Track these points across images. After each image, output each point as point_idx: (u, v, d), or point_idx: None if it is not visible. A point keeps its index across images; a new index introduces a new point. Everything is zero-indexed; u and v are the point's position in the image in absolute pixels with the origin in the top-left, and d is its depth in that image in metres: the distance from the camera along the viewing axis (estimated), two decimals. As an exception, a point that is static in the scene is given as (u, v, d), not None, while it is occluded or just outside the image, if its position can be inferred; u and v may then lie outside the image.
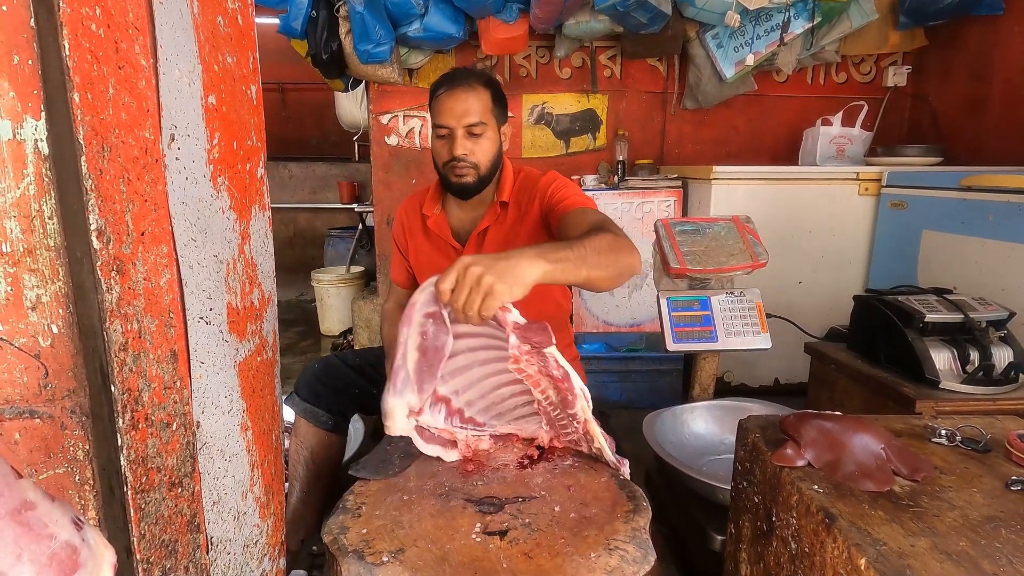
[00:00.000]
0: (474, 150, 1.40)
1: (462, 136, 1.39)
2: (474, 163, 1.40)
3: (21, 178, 0.51)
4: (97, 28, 0.55)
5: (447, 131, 1.40)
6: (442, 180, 1.49)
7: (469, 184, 1.42)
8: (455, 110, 1.37)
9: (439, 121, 1.40)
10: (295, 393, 1.51)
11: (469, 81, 1.40)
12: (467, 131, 1.39)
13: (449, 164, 1.41)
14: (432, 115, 1.43)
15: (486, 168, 1.43)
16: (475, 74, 1.44)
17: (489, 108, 1.41)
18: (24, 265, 0.53)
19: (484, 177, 1.43)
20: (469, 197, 1.47)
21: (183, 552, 0.68)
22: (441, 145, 1.42)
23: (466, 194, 1.46)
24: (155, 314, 0.63)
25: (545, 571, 0.84)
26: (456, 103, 1.37)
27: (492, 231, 1.48)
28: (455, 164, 1.40)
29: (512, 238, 1.47)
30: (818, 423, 0.99)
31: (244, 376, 0.82)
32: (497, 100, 1.44)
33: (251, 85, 0.85)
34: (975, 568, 0.71)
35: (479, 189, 1.45)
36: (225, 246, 0.79)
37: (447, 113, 1.38)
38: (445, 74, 1.46)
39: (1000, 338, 1.54)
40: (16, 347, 0.53)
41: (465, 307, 0.90)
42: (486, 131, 1.41)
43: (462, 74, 1.42)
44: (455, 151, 1.39)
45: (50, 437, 0.56)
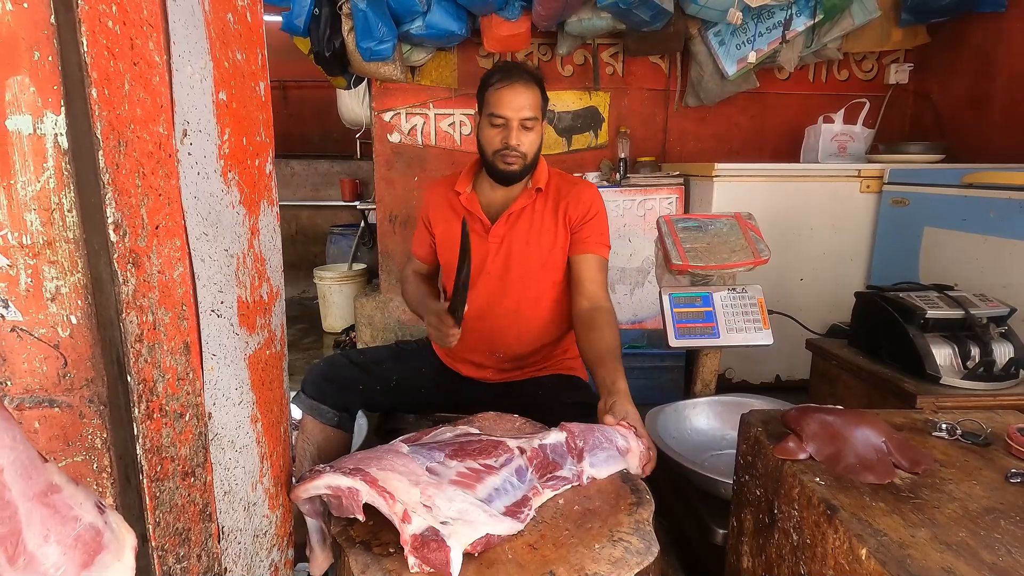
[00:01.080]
0: (525, 141, 1.50)
1: (517, 128, 1.49)
2: (523, 153, 1.51)
3: (41, 172, 0.53)
4: (113, 25, 0.56)
5: (503, 121, 1.49)
6: (487, 166, 1.58)
7: (515, 172, 1.53)
8: (514, 102, 1.47)
9: (497, 111, 1.48)
10: (301, 391, 1.54)
11: (525, 76, 1.50)
12: (521, 123, 1.49)
13: (500, 152, 1.51)
14: (486, 105, 1.52)
15: (531, 159, 1.54)
16: (529, 70, 1.54)
17: (539, 103, 1.53)
18: (44, 257, 0.54)
19: (528, 167, 1.55)
20: (511, 184, 1.58)
21: (196, 540, 0.70)
22: (495, 134, 1.51)
23: (509, 181, 1.57)
24: (169, 306, 0.64)
25: (550, 562, 0.85)
26: (515, 96, 1.47)
27: (526, 212, 1.58)
28: (506, 153, 1.50)
29: (539, 225, 1.58)
30: (820, 417, 1.00)
31: (254, 369, 0.84)
32: (544, 97, 1.55)
33: (260, 82, 0.86)
34: (974, 558, 0.72)
35: (521, 177, 1.57)
36: (235, 240, 0.80)
37: (506, 104, 1.47)
38: (499, 66, 1.56)
39: (1001, 334, 1.55)
40: (36, 337, 0.54)
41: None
42: (536, 125, 1.52)
43: (519, 69, 1.52)
44: (510, 141, 1.49)
45: (69, 426, 0.57)
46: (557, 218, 1.58)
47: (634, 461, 1.13)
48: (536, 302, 1.60)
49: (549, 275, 1.59)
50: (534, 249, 1.57)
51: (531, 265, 1.58)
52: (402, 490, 0.84)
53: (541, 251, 1.57)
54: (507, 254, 1.58)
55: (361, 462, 0.90)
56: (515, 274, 1.58)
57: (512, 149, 1.49)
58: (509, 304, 1.59)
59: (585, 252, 1.56)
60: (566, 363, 1.69)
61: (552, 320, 1.64)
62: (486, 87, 1.52)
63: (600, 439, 1.11)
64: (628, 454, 1.12)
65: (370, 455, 0.94)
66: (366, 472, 0.86)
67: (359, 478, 0.84)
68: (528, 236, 1.57)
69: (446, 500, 0.85)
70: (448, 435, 1.11)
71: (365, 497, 0.84)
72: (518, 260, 1.57)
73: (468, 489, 0.91)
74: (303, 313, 4.74)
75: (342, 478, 0.85)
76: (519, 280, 1.58)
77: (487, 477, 0.95)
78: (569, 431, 1.11)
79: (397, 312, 3.38)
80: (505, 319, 1.59)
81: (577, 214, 1.57)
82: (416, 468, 0.91)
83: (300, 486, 0.89)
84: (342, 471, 0.86)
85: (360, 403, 1.60)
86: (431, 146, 3.24)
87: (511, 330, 1.60)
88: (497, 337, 1.61)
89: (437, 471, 0.93)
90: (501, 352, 1.63)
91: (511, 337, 1.61)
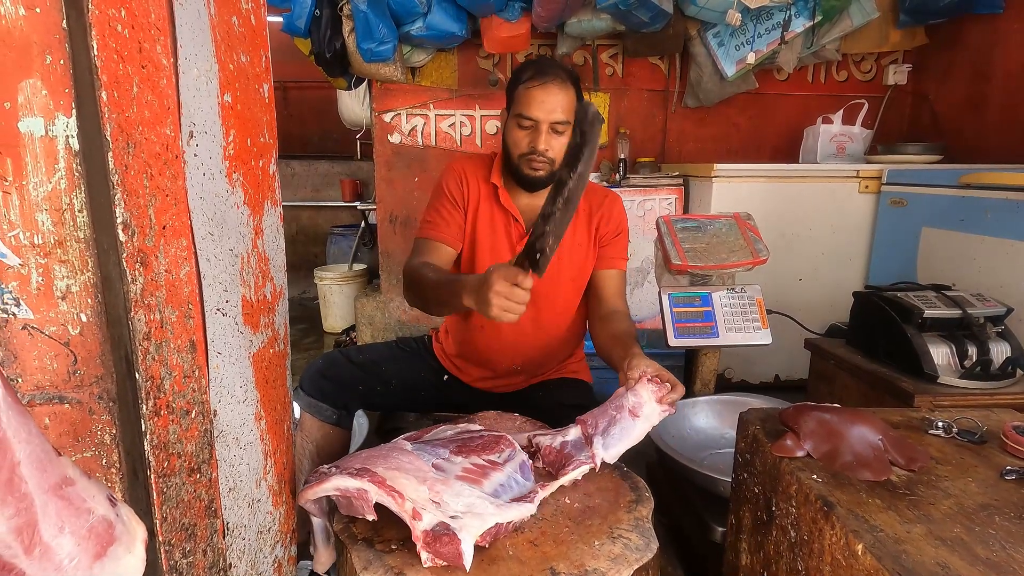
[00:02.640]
0: (554, 147, 1.38)
1: (547, 132, 1.37)
2: (551, 159, 1.40)
3: (53, 173, 0.54)
4: (122, 29, 0.57)
5: (532, 123, 1.37)
6: (511, 169, 1.46)
7: (541, 178, 1.42)
8: (546, 104, 1.35)
9: (527, 112, 1.36)
10: (299, 388, 1.52)
11: (560, 76, 1.37)
12: (552, 127, 1.37)
13: (527, 156, 1.39)
14: (515, 103, 1.39)
15: (559, 165, 1.39)
16: (564, 68, 1.40)
17: (573, 106, 1.39)
18: (55, 256, 0.55)
19: (555, 173, 1.41)
20: (536, 190, 1.47)
21: (201, 536, 0.71)
22: (523, 136, 1.39)
23: (534, 187, 1.45)
24: (176, 305, 0.65)
25: (550, 558, 0.86)
26: (548, 97, 1.34)
27: None
28: (533, 158, 1.39)
29: (571, 240, 1.49)
30: (817, 415, 1.01)
31: (258, 367, 0.85)
32: (579, 98, 1.41)
33: (263, 83, 0.88)
34: (969, 553, 0.73)
35: (546, 184, 1.44)
36: (240, 240, 0.81)
37: (537, 106, 1.35)
38: (532, 62, 1.42)
39: (998, 333, 1.56)
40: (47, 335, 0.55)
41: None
42: (567, 130, 1.39)
43: (553, 66, 1.38)
44: (538, 145, 1.37)
45: (78, 422, 0.58)
46: (590, 233, 1.51)
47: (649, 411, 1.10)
48: (562, 315, 1.56)
49: (577, 289, 1.55)
50: (565, 264, 1.50)
51: (562, 278, 1.51)
52: (410, 488, 0.85)
53: (573, 267, 1.51)
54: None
55: (367, 462, 0.91)
56: (544, 286, 1.46)
57: (540, 154, 1.38)
58: (534, 315, 1.49)
59: (610, 267, 1.52)
60: (570, 367, 1.68)
61: (572, 331, 1.61)
62: (517, 83, 1.39)
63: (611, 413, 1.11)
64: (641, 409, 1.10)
65: (375, 454, 0.95)
66: (373, 472, 0.87)
67: (367, 479, 0.85)
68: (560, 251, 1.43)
69: (454, 495, 0.86)
70: (449, 432, 1.12)
71: (375, 497, 0.85)
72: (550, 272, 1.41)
73: (475, 485, 0.92)
74: (304, 313, 4.75)
75: (350, 480, 0.86)
76: (547, 293, 1.50)
77: (492, 473, 0.96)
78: (583, 422, 1.12)
79: (397, 312, 3.39)
80: (528, 330, 1.53)
81: (608, 231, 1.52)
82: (422, 465, 0.93)
83: (308, 489, 0.90)
84: (349, 473, 0.87)
85: (359, 402, 1.59)
86: (431, 147, 3.25)
87: (534, 342, 1.55)
88: (519, 349, 1.55)
89: (443, 467, 0.94)
90: (519, 364, 1.58)
91: (533, 349, 1.56)
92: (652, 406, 1.11)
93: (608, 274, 1.53)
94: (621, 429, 1.09)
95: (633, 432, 1.09)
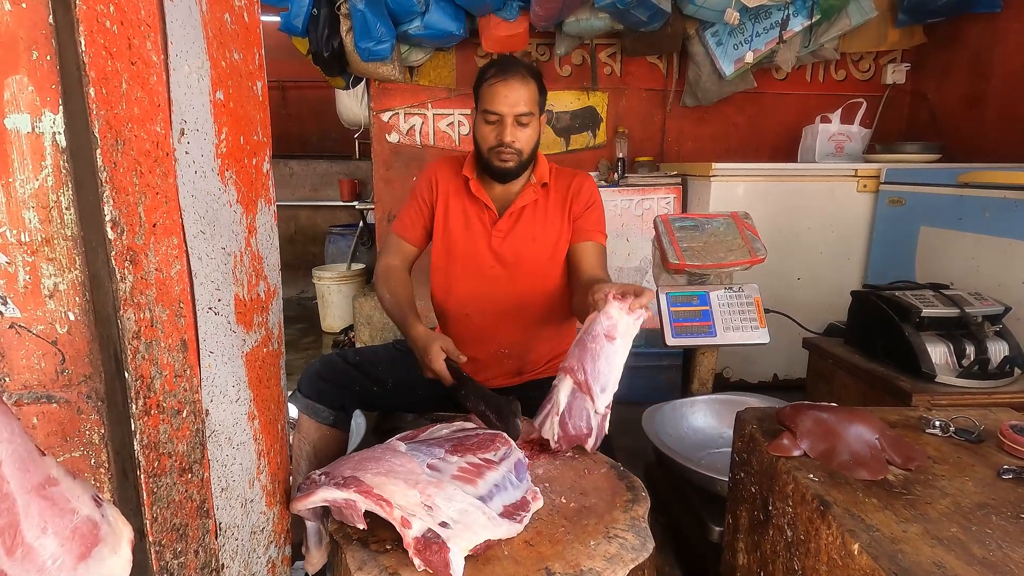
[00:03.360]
0: (520, 138, 1.47)
1: (511, 124, 1.46)
2: (519, 149, 1.48)
3: (40, 170, 0.53)
4: (111, 25, 0.57)
5: (497, 117, 1.46)
6: (482, 162, 1.55)
7: (511, 169, 1.51)
8: (508, 98, 1.44)
9: (491, 107, 1.45)
10: (297, 391, 1.53)
11: (521, 71, 1.46)
12: (516, 119, 1.46)
13: (495, 149, 1.48)
14: (481, 101, 1.49)
15: (527, 155, 1.51)
16: (525, 64, 1.49)
17: (536, 99, 1.49)
18: (42, 254, 0.55)
19: (524, 163, 1.52)
20: (507, 181, 1.56)
21: (193, 536, 0.70)
22: (489, 130, 1.48)
23: (505, 178, 1.54)
24: (166, 303, 0.64)
25: (546, 558, 0.86)
26: (510, 91, 1.44)
27: (530, 209, 1.58)
28: (501, 150, 1.48)
29: (544, 219, 1.58)
30: (814, 414, 1.00)
31: (251, 366, 0.84)
32: (541, 91, 1.51)
33: (257, 81, 0.87)
34: (965, 553, 0.73)
35: (517, 174, 1.54)
36: (232, 239, 0.80)
37: (500, 100, 1.44)
38: (495, 61, 1.53)
39: (996, 332, 1.56)
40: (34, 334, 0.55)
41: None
42: (532, 121, 1.48)
43: (514, 63, 1.48)
44: (504, 137, 1.46)
45: (67, 421, 0.57)
46: (562, 212, 1.59)
47: (623, 327, 1.09)
48: (543, 292, 1.61)
49: (555, 268, 1.60)
50: (540, 243, 1.58)
51: (538, 258, 1.58)
52: (399, 494, 0.84)
53: (547, 245, 1.58)
54: (513, 248, 1.58)
55: (358, 466, 0.90)
56: (523, 267, 1.58)
57: (507, 146, 1.47)
58: (514, 297, 1.59)
59: (586, 240, 1.57)
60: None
61: (554, 311, 1.64)
62: (481, 82, 1.49)
63: (589, 347, 1.10)
64: (615, 329, 1.09)
65: (367, 456, 0.94)
66: (360, 481, 0.86)
67: (354, 489, 0.85)
68: (534, 231, 1.57)
69: (446, 499, 0.86)
70: (445, 432, 1.11)
71: (363, 507, 0.85)
72: (526, 253, 1.58)
73: (469, 484, 0.91)
74: (302, 313, 4.74)
75: (337, 492, 0.86)
76: (527, 273, 1.58)
77: (487, 472, 0.96)
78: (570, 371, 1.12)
79: (396, 312, 3.38)
80: (510, 311, 1.59)
81: (579, 206, 1.59)
82: (415, 467, 0.92)
83: (298, 500, 0.90)
84: (336, 483, 0.87)
85: (357, 403, 1.59)
86: (429, 146, 3.24)
87: (516, 322, 1.60)
88: (502, 330, 1.60)
89: (438, 467, 0.94)
90: (507, 348, 1.62)
91: (516, 329, 1.61)
92: (625, 321, 1.09)
93: (585, 246, 1.57)
94: (606, 360, 1.09)
95: (616, 357, 1.08)
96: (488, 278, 1.59)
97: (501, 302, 1.59)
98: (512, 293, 1.58)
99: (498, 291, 1.59)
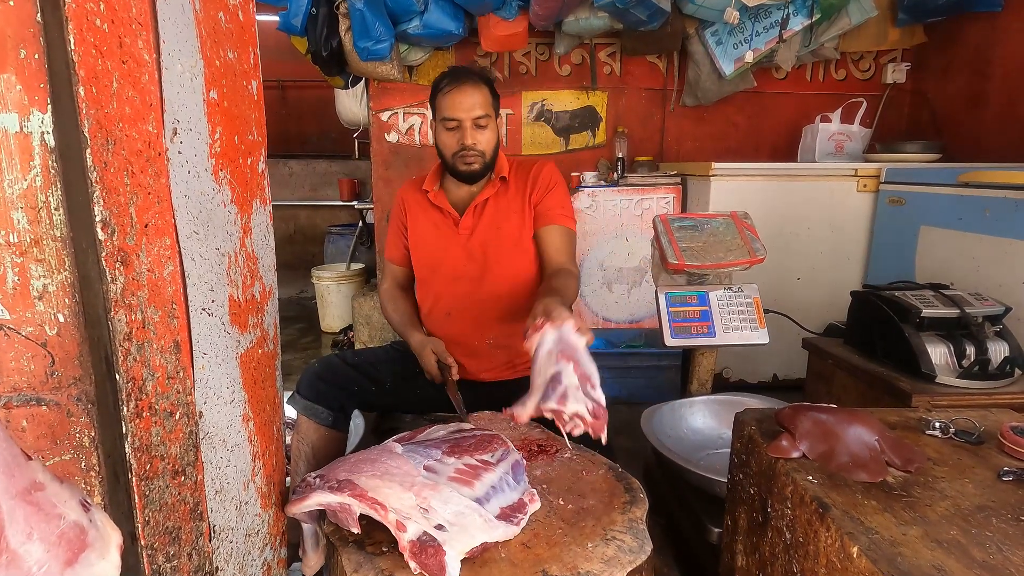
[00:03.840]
0: (481, 140, 1.54)
1: (471, 127, 1.52)
2: (481, 151, 1.55)
3: (28, 170, 0.52)
4: (101, 23, 0.56)
5: (456, 123, 1.52)
6: (449, 169, 1.61)
7: (476, 171, 1.57)
8: (464, 104, 1.50)
9: (449, 115, 1.52)
10: (296, 392, 1.53)
11: (472, 78, 1.53)
12: (474, 123, 1.52)
13: (459, 154, 1.54)
14: (438, 110, 1.56)
15: (490, 155, 1.57)
16: (475, 72, 1.57)
17: (490, 102, 1.56)
18: (31, 255, 0.54)
19: (488, 163, 1.58)
20: (476, 182, 1.62)
21: (186, 539, 0.69)
22: (450, 136, 1.55)
23: (474, 179, 1.60)
24: (158, 305, 0.64)
25: (543, 560, 0.85)
26: (464, 97, 1.50)
27: (491, 202, 1.62)
28: (465, 153, 1.53)
29: (506, 209, 1.62)
30: (813, 415, 1.00)
31: (246, 368, 0.84)
32: (494, 95, 1.58)
33: (252, 80, 0.86)
34: (965, 555, 0.72)
35: (484, 174, 1.60)
36: (227, 239, 0.80)
37: (456, 107, 1.51)
38: (446, 72, 1.58)
39: (996, 333, 1.55)
40: (23, 336, 0.54)
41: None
42: (490, 123, 1.55)
43: (464, 72, 1.55)
44: (465, 141, 1.52)
45: (56, 424, 0.57)
46: (523, 199, 1.62)
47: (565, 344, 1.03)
48: (515, 280, 1.64)
49: (524, 254, 1.64)
50: (504, 232, 1.62)
51: (504, 246, 1.62)
52: (393, 497, 0.84)
53: (512, 233, 1.62)
54: (480, 241, 1.61)
55: (353, 469, 0.90)
56: (491, 259, 1.62)
57: (469, 149, 1.53)
58: (491, 287, 1.62)
59: (549, 223, 1.60)
60: None
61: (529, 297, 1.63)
62: (436, 93, 1.56)
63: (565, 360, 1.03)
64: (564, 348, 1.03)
65: (363, 458, 0.94)
66: (355, 485, 0.86)
67: (348, 493, 0.84)
68: (497, 221, 1.61)
69: (442, 502, 0.85)
70: (441, 432, 1.11)
71: (358, 510, 0.84)
72: (492, 245, 1.61)
73: (466, 486, 0.91)
74: (301, 313, 4.74)
75: (331, 496, 0.85)
76: (496, 263, 1.62)
77: (484, 474, 0.95)
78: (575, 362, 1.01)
79: (395, 312, 3.38)
80: (489, 302, 1.63)
81: (538, 191, 1.62)
82: (411, 469, 0.91)
83: (293, 504, 0.89)
84: (331, 486, 0.86)
85: (355, 403, 1.59)
86: (428, 146, 3.23)
87: (497, 311, 1.63)
88: (484, 323, 1.63)
89: (435, 469, 0.93)
90: (492, 338, 1.64)
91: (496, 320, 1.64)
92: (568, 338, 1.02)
93: (549, 230, 1.60)
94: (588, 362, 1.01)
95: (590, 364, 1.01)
96: (463, 277, 1.63)
97: (478, 297, 1.62)
98: (487, 286, 1.63)
99: (474, 287, 1.63)
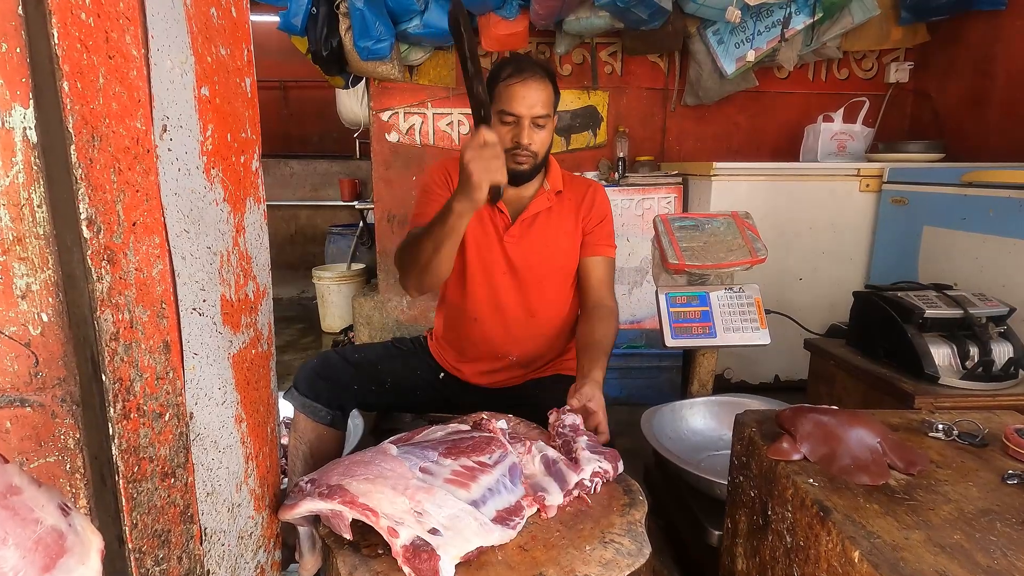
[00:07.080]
0: (536, 140, 1.44)
1: (529, 126, 1.42)
2: (534, 152, 1.45)
3: (10, 166, 0.51)
4: (87, 17, 0.55)
5: (514, 119, 1.42)
6: None
7: (525, 171, 1.47)
8: (527, 100, 1.40)
9: (508, 108, 1.41)
10: (294, 388, 1.51)
11: (539, 72, 1.42)
12: (533, 121, 1.42)
13: (511, 151, 1.43)
14: (496, 100, 1.44)
15: (541, 158, 1.48)
16: (541, 64, 1.46)
17: (552, 100, 1.46)
18: (13, 254, 0.53)
19: (538, 166, 1.49)
20: (520, 184, 1.51)
21: (176, 542, 0.68)
22: (505, 131, 1.44)
23: (518, 180, 1.50)
24: (147, 304, 0.63)
25: (540, 563, 0.84)
26: (529, 92, 1.40)
27: (543, 216, 1.54)
28: (517, 152, 1.44)
29: (557, 228, 1.54)
30: (814, 417, 0.98)
31: (238, 368, 0.82)
32: (556, 92, 1.48)
33: (245, 77, 0.85)
34: (969, 561, 0.71)
35: (530, 177, 1.50)
36: (219, 238, 0.79)
37: (518, 102, 1.40)
38: (508, 60, 1.47)
39: (1000, 334, 1.54)
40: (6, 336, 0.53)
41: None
42: (548, 123, 1.46)
43: (529, 63, 1.44)
44: (521, 139, 1.42)
45: (41, 426, 0.56)
46: (576, 222, 1.56)
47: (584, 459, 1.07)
48: (553, 303, 1.58)
49: (566, 277, 1.58)
50: (553, 251, 1.54)
51: (550, 267, 1.55)
52: (385, 502, 0.82)
53: (560, 254, 1.55)
54: (523, 254, 1.53)
55: (346, 472, 0.88)
56: (533, 276, 1.54)
57: (523, 148, 1.43)
58: (526, 305, 1.55)
59: (595, 254, 1.56)
60: (566, 364, 1.66)
61: (567, 320, 1.61)
62: (497, 80, 1.44)
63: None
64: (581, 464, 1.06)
65: (357, 460, 0.93)
66: (346, 491, 0.84)
67: (338, 500, 0.83)
68: (546, 239, 1.53)
69: (436, 505, 0.84)
70: (439, 434, 1.10)
71: (349, 517, 0.83)
72: (537, 262, 1.53)
73: (462, 488, 0.89)
74: (302, 313, 4.73)
75: (321, 503, 0.84)
76: (537, 282, 1.55)
77: (480, 476, 0.94)
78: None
79: (395, 312, 3.37)
80: (522, 320, 1.55)
81: (592, 219, 1.56)
82: (405, 471, 0.90)
83: (284, 511, 0.88)
84: (321, 493, 0.85)
85: (355, 403, 1.57)
86: (429, 145, 3.23)
87: (528, 331, 1.57)
88: (512, 339, 1.56)
89: (431, 471, 0.92)
90: (515, 355, 1.58)
91: (527, 339, 1.57)
92: (587, 459, 1.05)
93: (594, 261, 1.56)
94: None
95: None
96: (498, 285, 1.54)
97: (511, 311, 1.55)
98: (521, 302, 1.55)
99: (508, 299, 1.55)
